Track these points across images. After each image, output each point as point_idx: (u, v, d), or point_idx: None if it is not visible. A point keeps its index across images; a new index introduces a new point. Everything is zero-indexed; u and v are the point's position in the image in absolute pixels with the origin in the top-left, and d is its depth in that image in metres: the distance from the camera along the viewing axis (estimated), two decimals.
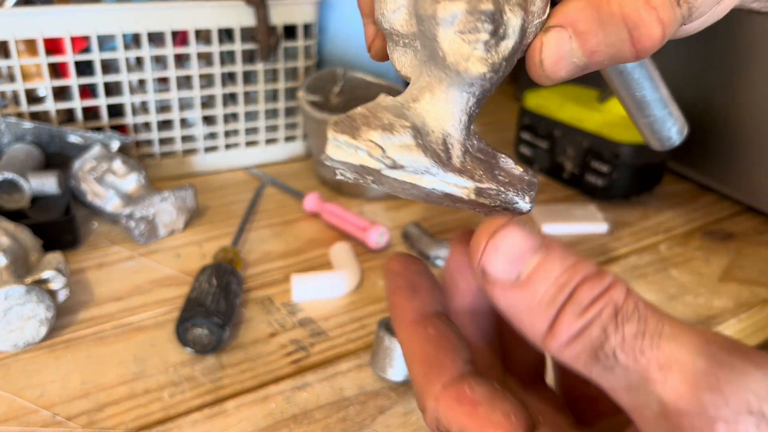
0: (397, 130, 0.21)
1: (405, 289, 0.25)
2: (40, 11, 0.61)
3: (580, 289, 0.19)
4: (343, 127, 0.21)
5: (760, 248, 0.62)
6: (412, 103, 0.22)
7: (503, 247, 0.20)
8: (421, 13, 0.21)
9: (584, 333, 0.18)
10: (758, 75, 0.66)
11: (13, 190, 0.57)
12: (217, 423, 0.40)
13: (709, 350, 0.17)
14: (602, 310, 0.18)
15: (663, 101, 0.36)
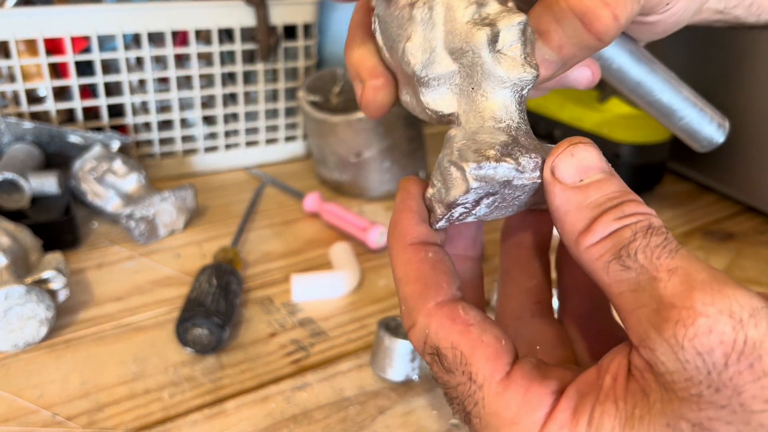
0: (503, 140, 0.24)
1: (415, 212, 0.26)
2: (41, 11, 0.61)
3: (627, 205, 0.22)
4: (470, 156, 0.23)
5: (760, 248, 0.62)
6: (483, 124, 0.25)
7: (579, 156, 0.23)
8: (460, 46, 0.24)
9: (617, 233, 0.21)
10: (758, 75, 0.66)
11: (13, 190, 0.57)
12: (217, 423, 0.40)
13: (712, 271, 0.20)
14: (639, 222, 0.21)
15: (689, 101, 0.36)
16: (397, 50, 0.25)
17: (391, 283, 0.55)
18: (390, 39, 0.26)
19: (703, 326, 0.19)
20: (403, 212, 0.26)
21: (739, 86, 0.68)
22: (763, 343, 0.18)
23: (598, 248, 0.21)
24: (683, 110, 0.35)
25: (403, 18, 0.25)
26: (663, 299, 0.20)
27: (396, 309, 0.51)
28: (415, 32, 0.25)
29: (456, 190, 0.23)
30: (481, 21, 0.24)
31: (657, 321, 0.20)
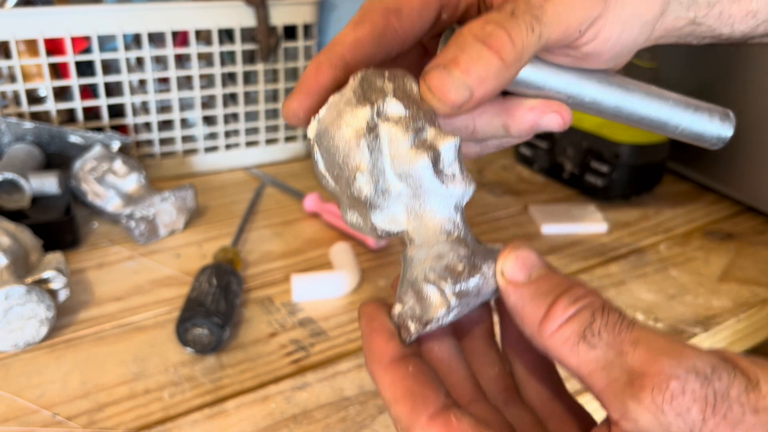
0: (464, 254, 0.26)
1: (382, 331, 0.27)
2: (41, 12, 0.61)
3: (575, 289, 0.24)
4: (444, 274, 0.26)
5: (759, 248, 0.62)
6: (437, 239, 0.27)
7: (522, 256, 0.25)
8: (407, 170, 0.26)
9: (577, 315, 0.23)
10: (758, 75, 0.66)
11: (13, 190, 0.57)
12: (217, 423, 0.40)
13: (669, 337, 0.22)
14: (593, 302, 0.23)
15: (678, 108, 0.35)
16: (345, 178, 0.27)
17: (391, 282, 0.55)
18: (334, 168, 0.27)
19: (677, 388, 0.20)
20: (371, 335, 0.27)
21: (738, 86, 0.68)
22: (730, 394, 0.20)
23: (562, 332, 0.23)
24: (675, 119, 0.35)
25: (350, 148, 0.26)
26: (633, 370, 0.21)
27: None
28: (363, 161, 0.26)
29: (435, 309, 0.25)
30: (421, 145, 0.26)
31: (633, 391, 0.21)
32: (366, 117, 0.26)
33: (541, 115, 0.33)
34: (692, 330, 0.50)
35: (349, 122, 0.26)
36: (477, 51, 0.26)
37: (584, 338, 0.22)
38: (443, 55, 0.27)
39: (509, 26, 0.26)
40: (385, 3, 0.30)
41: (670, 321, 0.51)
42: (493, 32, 0.26)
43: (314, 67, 0.29)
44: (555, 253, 0.60)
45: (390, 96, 0.26)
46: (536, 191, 0.73)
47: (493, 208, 0.69)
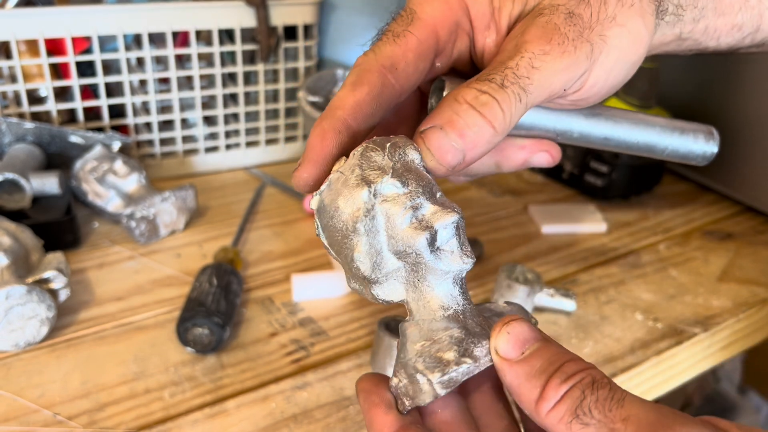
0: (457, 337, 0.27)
1: (380, 404, 0.28)
2: (41, 12, 0.61)
3: (566, 365, 0.24)
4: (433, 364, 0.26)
5: (759, 248, 0.63)
6: (434, 315, 0.28)
7: (514, 332, 0.25)
8: (404, 249, 0.27)
9: (568, 394, 0.24)
10: (758, 75, 0.66)
11: (14, 190, 0.57)
12: (218, 422, 0.40)
13: (658, 409, 0.22)
14: (583, 379, 0.24)
15: (665, 132, 0.37)
16: (344, 255, 0.28)
17: None
18: (335, 244, 0.28)
19: None
20: (371, 410, 0.28)
21: (738, 87, 0.68)
22: None
23: (556, 412, 0.24)
24: (662, 142, 0.37)
25: (347, 230, 0.27)
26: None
27: (396, 309, 0.52)
28: (360, 242, 0.27)
29: (425, 396, 0.26)
30: (419, 224, 0.27)
31: None
32: (363, 200, 0.27)
33: (531, 154, 0.35)
34: (692, 330, 0.50)
35: (346, 205, 0.27)
36: (472, 118, 0.28)
37: (577, 417, 0.23)
38: (439, 115, 0.28)
39: (500, 97, 0.28)
40: (380, 61, 0.31)
41: (670, 321, 0.51)
42: (487, 102, 0.28)
43: (319, 135, 0.30)
44: (555, 253, 0.61)
45: (388, 176, 0.27)
46: (536, 191, 0.73)
47: (493, 208, 0.69)
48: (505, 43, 0.31)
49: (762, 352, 0.68)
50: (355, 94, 0.30)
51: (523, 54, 0.29)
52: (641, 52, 0.32)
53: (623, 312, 0.52)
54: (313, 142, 0.29)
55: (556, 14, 0.30)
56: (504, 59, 0.29)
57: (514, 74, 0.29)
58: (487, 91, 0.28)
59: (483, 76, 0.29)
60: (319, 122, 0.30)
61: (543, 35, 0.30)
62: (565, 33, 0.30)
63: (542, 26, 0.30)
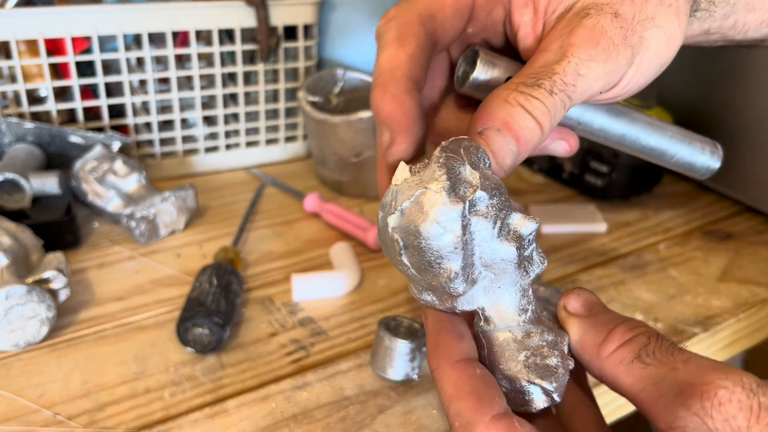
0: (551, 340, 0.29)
1: (452, 332, 0.28)
2: (41, 12, 0.61)
3: (631, 320, 0.27)
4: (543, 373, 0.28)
5: (759, 248, 0.63)
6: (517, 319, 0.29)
7: (583, 296, 0.29)
8: (493, 261, 0.27)
9: (634, 339, 0.26)
10: (758, 75, 0.66)
11: (14, 190, 0.57)
12: (218, 422, 0.40)
13: (717, 361, 0.24)
14: (648, 329, 0.26)
15: (675, 139, 0.37)
16: (434, 274, 0.27)
17: (391, 282, 0.55)
18: (424, 264, 0.26)
19: (724, 396, 0.22)
20: (441, 333, 0.28)
21: (738, 87, 0.68)
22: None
23: (618, 353, 0.26)
24: (672, 149, 0.38)
25: (444, 249, 0.26)
26: (683, 382, 0.23)
27: (396, 309, 0.52)
28: (457, 261, 0.26)
29: (539, 404, 0.28)
30: (508, 235, 0.27)
31: (682, 400, 0.23)
32: (461, 217, 0.26)
33: (551, 141, 0.35)
34: (692, 330, 0.50)
35: (443, 224, 0.25)
36: (526, 122, 0.28)
37: (639, 357, 0.25)
38: (492, 115, 0.28)
39: (550, 104, 0.28)
40: (419, 9, 0.30)
41: (670, 321, 0.51)
42: (539, 108, 0.28)
43: (394, 102, 0.28)
44: (555, 253, 0.61)
45: (479, 189, 0.26)
46: (536, 191, 0.73)
47: None
48: (549, 39, 0.30)
49: (762, 352, 0.68)
50: (405, 49, 0.29)
51: (570, 59, 0.29)
52: (673, 52, 0.32)
53: (623, 312, 0.52)
54: (392, 110, 0.28)
55: (603, 15, 0.30)
56: (550, 62, 0.29)
57: (563, 81, 0.29)
58: (538, 97, 0.28)
59: (531, 78, 0.29)
60: (383, 89, 0.28)
61: (590, 39, 0.29)
62: (611, 37, 0.30)
63: (590, 29, 0.30)
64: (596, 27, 0.30)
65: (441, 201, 0.25)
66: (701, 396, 0.22)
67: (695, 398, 0.23)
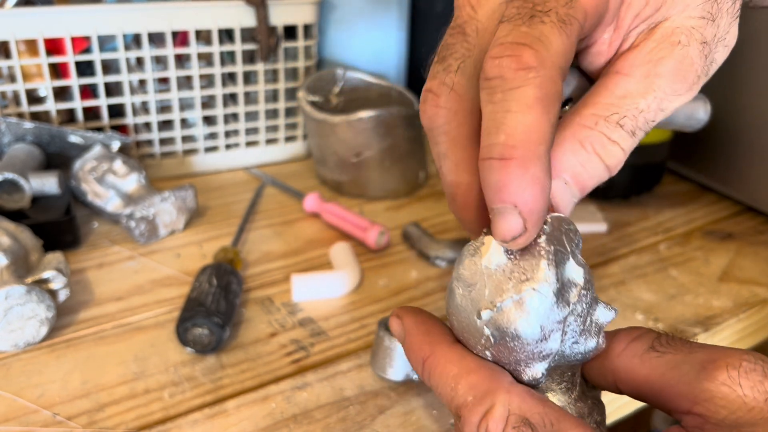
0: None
1: (439, 324, 0.27)
2: (41, 11, 0.61)
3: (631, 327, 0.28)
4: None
5: (759, 248, 0.62)
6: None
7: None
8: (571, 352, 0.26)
9: (643, 336, 0.26)
10: (758, 75, 0.66)
11: (13, 190, 0.57)
12: (218, 423, 0.40)
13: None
14: (654, 329, 0.26)
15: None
16: (518, 370, 0.25)
17: (391, 282, 0.55)
18: (511, 360, 0.25)
19: (748, 366, 0.23)
20: (427, 324, 0.27)
21: (738, 87, 0.68)
22: None
23: (631, 349, 0.26)
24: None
25: (539, 353, 0.24)
26: (704, 360, 0.24)
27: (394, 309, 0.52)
28: (545, 364, 0.25)
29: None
30: (591, 328, 0.26)
31: (706, 375, 0.23)
32: (563, 323, 0.24)
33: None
34: (692, 330, 0.50)
35: (547, 331, 0.24)
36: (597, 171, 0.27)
37: (653, 348, 0.25)
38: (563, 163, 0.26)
39: (627, 148, 0.27)
40: (557, 58, 0.23)
41: (670, 321, 0.51)
42: (615, 156, 0.26)
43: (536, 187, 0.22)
44: None
45: (583, 289, 0.25)
46: None
47: None
48: (633, 63, 0.27)
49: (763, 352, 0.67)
50: (550, 117, 0.22)
51: (656, 92, 0.26)
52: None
53: (624, 312, 0.52)
54: (533, 198, 0.22)
55: (693, 45, 0.27)
56: (633, 92, 0.26)
57: (645, 119, 0.26)
58: (618, 141, 0.26)
59: (612, 112, 0.26)
60: (524, 167, 0.22)
61: (678, 72, 0.27)
62: (696, 70, 0.27)
63: (679, 61, 0.27)
64: (686, 59, 0.27)
65: (549, 307, 0.23)
66: (726, 367, 0.23)
67: (721, 370, 0.23)
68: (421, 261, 0.58)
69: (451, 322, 0.26)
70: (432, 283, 0.55)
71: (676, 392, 0.24)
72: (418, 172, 0.71)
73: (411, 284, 0.55)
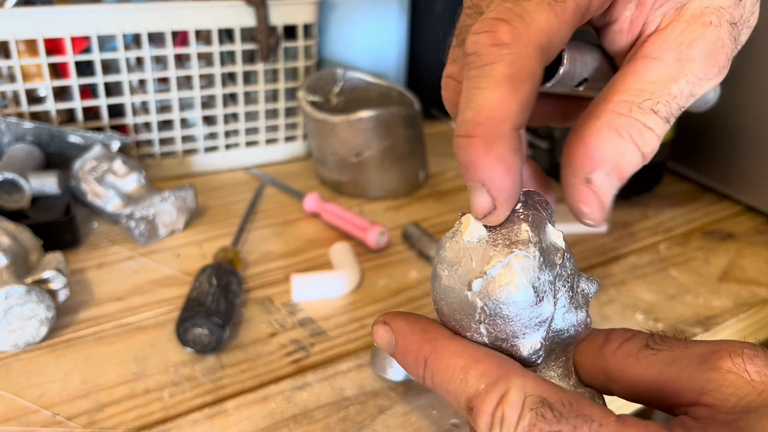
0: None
1: (432, 321, 0.27)
2: (41, 11, 0.61)
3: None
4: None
5: (759, 248, 0.62)
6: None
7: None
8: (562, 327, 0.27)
9: (635, 336, 0.25)
10: (758, 75, 0.66)
11: (13, 190, 0.57)
12: (218, 423, 0.40)
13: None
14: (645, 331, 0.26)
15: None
16: (515, 345, 0.25)
17: (391, 282, 0.55)
18: (507, 333, 0.24)
19: (750, 353, 0.23)
20: (421, 322, 0.26)
21: (738, 87, 0.68)
22: None
23: (624, 348, 0.25)
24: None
25: (535, 318, 0.24)
26: (704, 353, 0.23)
27: (396, 309, 0.51)
28: (541, 333, 0.25)
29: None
30: (578, 300, 0.26)
31: (709, 365, 0.23)
32: (553, 284, 0.24)
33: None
34: (692, 330, 0.50)
35: (539, 293, 0.24)
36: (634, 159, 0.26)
37: (647, 346, 0.25)
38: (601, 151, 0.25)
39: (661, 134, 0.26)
40: (536, 39, 0.23)
41: (670, 321, 0.51)
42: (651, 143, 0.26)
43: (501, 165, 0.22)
44: None
45: (566, 253, 0.25)
46: None
47: None
48: (663, 45, 0.26)
49: None
50: (519, 96, 0.22)
51: (688, 77, 0.25)
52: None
53: (624, 312, 0.52)
54: (499, 176, 0.22)
55: (724, 26, 0.26)
56: (665, 77, 0.25)
57: (678, 105, 0.26)
58: (653, 128, 0.25)
59: (645, 99, 0.25)
60: (487, 145, 0.22)
61: (711, 55, 0.26)
62: (726, 53, 0.26)
63: (712, 43, 0.26)
64: (717, 42, 0.26)
65: (537, 266, 0.23)
66: (730, 355, 0.23)
67: (724, 359, 0.23)
68: (421, 261, 0.58)
69: (441, 310, 0.26)
70: None
71: (679, 386, 0.23)
72: (418, 172, 0.71)
73: (411, 284, 0.55)
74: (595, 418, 0.22)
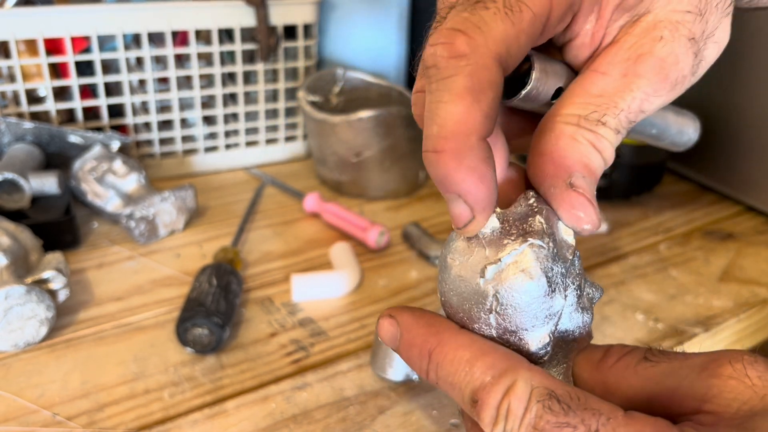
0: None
1: (438, 315, 0.26)
2: (41, 11, 0.61)
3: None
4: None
5: (759, 248, 0.62)
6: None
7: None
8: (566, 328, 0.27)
9: (633, 351, 0.26)
10: (758, 75, 0.66)
11: (13, 190, 0.57)
12: (217, 423, 0.40)
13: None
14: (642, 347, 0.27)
15: (668, 121, 0.37)
16: (523, 339, 0.24)
17: (391, 282, 0.55)
18: (516, 324, 0.24)
19: (750, 359, 0.23)
20: (427, 316, 0.26)
21: (739, 86, 0.68)
22: None
23: (623, 362, 0.25)
24: (666, 131, 0.37)
25: (546, 309, 0.24)
26: (703, 362, 0.23)
27: None
28: (550, 326, 0.25)
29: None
30: (583, 304, 0.27)
31: (709, 373, 0.23)
32: (564, 278, 0.24)
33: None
34: (692, 330, 0.50)
35: (552, 283, 0.24)
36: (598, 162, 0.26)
37: (645, 359, 0.25)
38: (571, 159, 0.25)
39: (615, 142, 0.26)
40: (494, 48, 0.22)
41: (671, 321, 0.51)
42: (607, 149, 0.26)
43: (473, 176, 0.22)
44: None
45: (576, 250, 0.25)
46: None
47: None
48: (611, 60, 0.26)
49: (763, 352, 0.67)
50: (482, 106, 0.22)
51: (635, 93, 0.25)
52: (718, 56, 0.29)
53: (624, 312, 0.52)
54: (472, 187, 0.22)
55: (678, 41, 0.25)
56: (611, 91, 0.25)
57: (627, 119, 0.25)
58: (605, 136, 0.25)
59: (591, 110, 0.25)
60: (457, 159, 0.22)
61: (660, 72, 0.25)
62: (681, 69, 0.26)
63: (661, 59, 0.25)
64: (669, 57, 0.25)
65: (551, 257, 0.23)
66: (730, 362, 0.23)
67: (725, 366, 0.23)
68: (421, 261, 0.58)
69: (449, 302, 0.25)
70: (432, 283, 0.55)
71: (680, 396, 0.23)
72: (418, 172, 0.71)
73: (411, 284, 0.55)
74: (603, 412, 0.22)
